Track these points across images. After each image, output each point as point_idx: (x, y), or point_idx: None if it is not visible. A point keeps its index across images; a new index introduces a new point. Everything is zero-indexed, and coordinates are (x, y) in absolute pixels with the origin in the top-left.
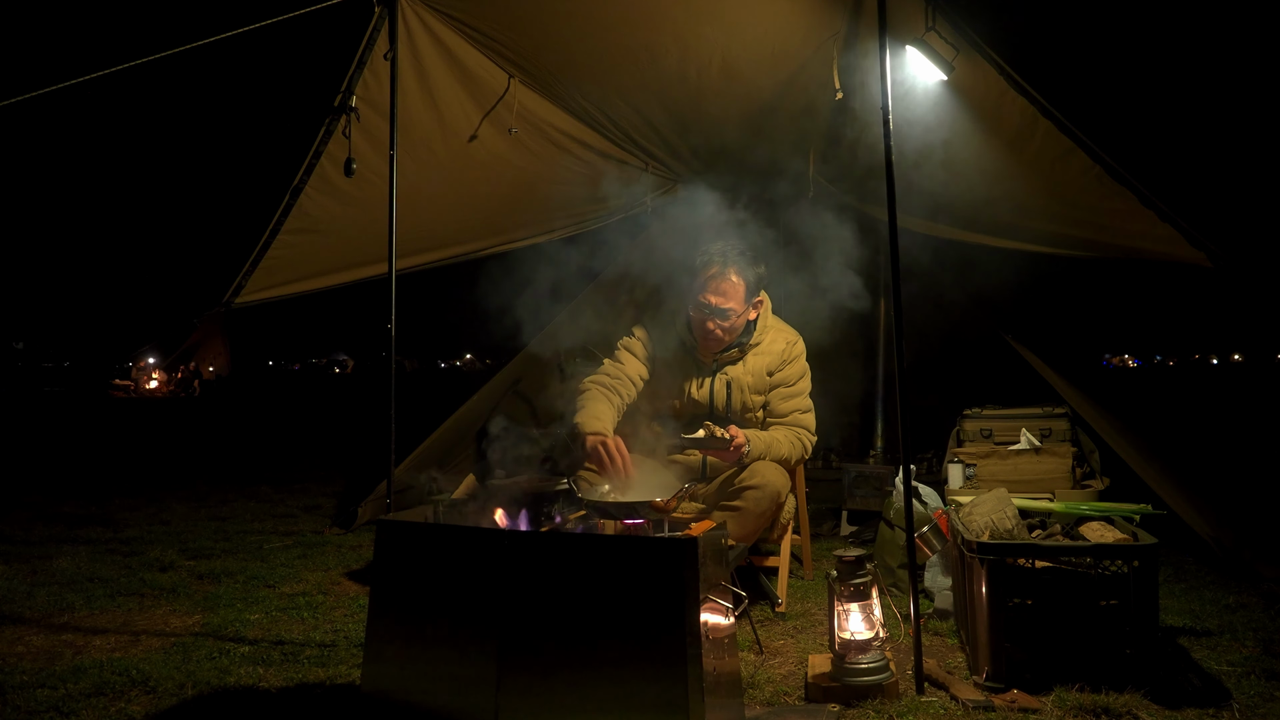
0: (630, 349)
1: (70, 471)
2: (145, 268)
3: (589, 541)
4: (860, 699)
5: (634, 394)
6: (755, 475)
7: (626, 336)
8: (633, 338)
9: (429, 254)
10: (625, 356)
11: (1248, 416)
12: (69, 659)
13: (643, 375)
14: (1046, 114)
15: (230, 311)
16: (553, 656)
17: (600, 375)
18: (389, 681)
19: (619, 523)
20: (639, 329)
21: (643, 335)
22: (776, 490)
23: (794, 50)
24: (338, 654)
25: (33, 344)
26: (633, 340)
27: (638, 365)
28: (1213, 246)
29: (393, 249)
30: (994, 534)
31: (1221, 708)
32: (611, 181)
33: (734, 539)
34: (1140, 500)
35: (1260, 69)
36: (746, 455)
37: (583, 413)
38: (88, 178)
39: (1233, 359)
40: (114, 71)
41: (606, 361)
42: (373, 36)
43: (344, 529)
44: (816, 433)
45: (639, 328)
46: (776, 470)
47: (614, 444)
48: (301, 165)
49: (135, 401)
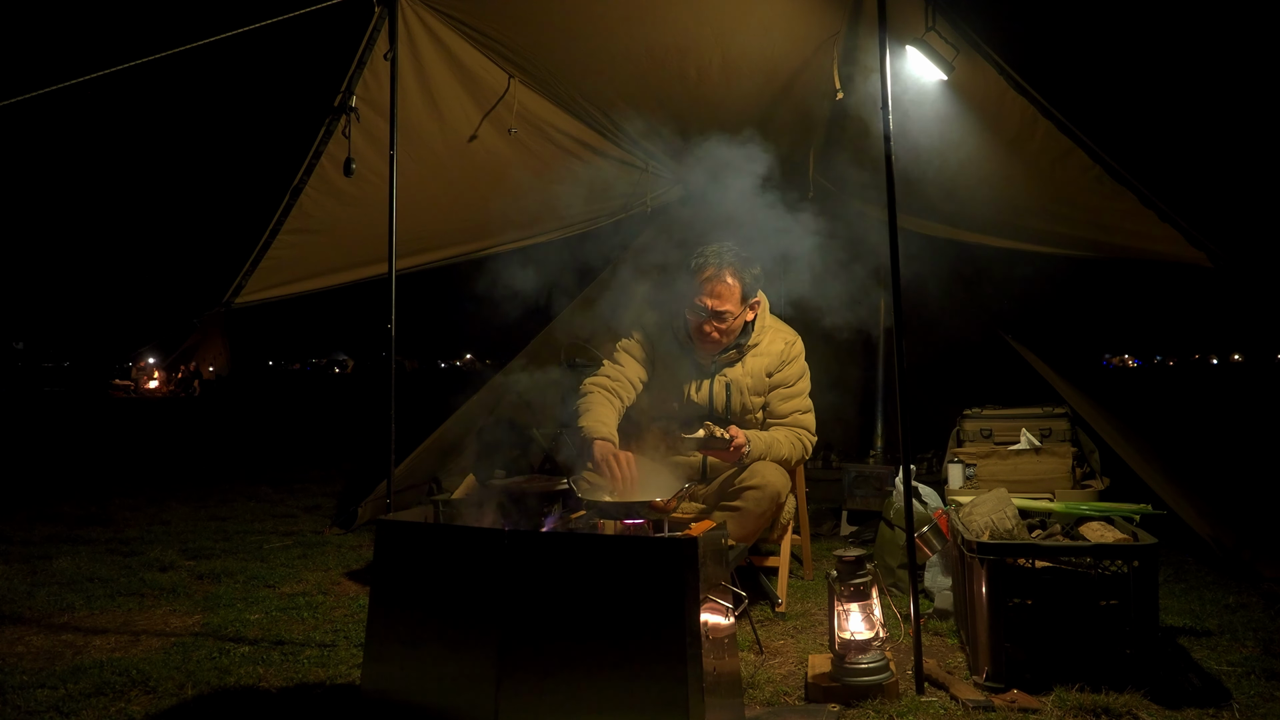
0: (629, 351)
1: (70, 471)
2: (145, 268)
3: (589, 541)
4: (860, 699)
5: (633, 396)
6: (755, 475)
7: (625, 338)
8: (631, 339)
9: (429, 254)
10: (624, 359)
11: (1248, 416)
12: (69, 659)
13: (641, 378)
14: (1046, 114)
15: (230, 311)
16: (553, 656)
17: (601, 378)
18: (389, 681)
19: (619, 523)
20: (637, 331)
21: (640, 337)
22: (777, 490)
23: (794, 50)
24: (338, 654)
25: (33, 344)
26: (631, 342)
27: (636, 368)
28: (1213, 246)
29: (393, 249)
30: (994, 534)
31: (1221, 708)
32: (611, 181)
33: (734, 539)
34: (1140, 500)
35: (1260, 69)
36: (747, 455)
37: (588, 416)
38: (88, 178)
39: (1233, 359)
40: (114, 71)
41: (606, 363)
42: (373, 36)
43: (344, 529)
44: (817, 432)
45: (637, 330)
46: (776, 470)
47: (623, 457)
48: (301, 165)
49: (135, 401)
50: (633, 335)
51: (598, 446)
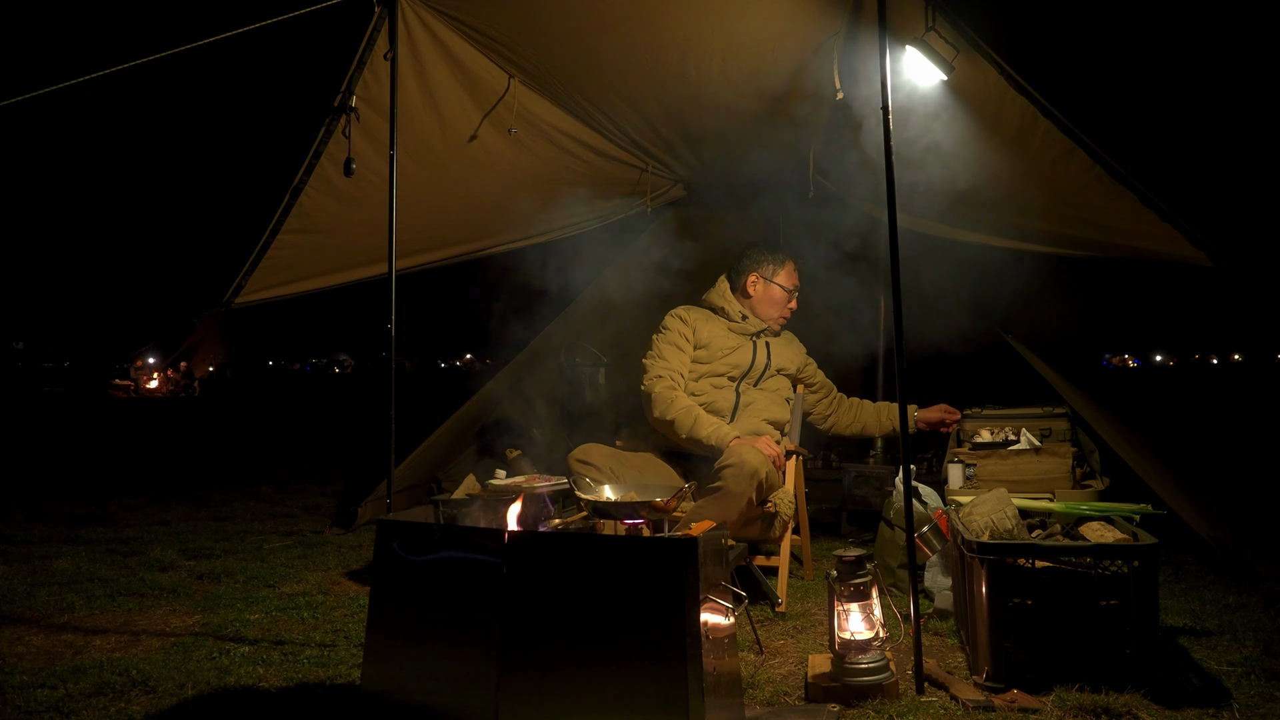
0: (675, 343)
1: (70, 471)
2: (145, 268)
3: (589, 541)
4: (860, 699)
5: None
6: (732, 455)
7: (666, 331)
8: (672, 331)
9: (429, 254)
10: (671, 352)
11: (1247, 416)
12: (69, 659)
13: (689, 365)
14: (1046, 114)
15: (230, 311)
16: (553, 656)
17: (667, 377)
18: (389, 681)
19: (619, 523)
20: (674, 321)
21: (679, 325)
22: (754, 468)
23: (794, 50)
24: (338, 654)
25: (33, 344)
26: (673, 334)
27: (683, 357)
28: (1213, 246)
29: (393, 249)
30: (994, 534)
31: (1221, 708)
32: (611, 181)
33: (718, 520)
34: (1140, 500)
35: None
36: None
37: (715, 426)
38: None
39: (1233, 359)
40: (114, 71)
41: (658, 361)
42: (373, 36)
43: (344, 529)
44: (816, 433)
45: (668, 330)
46: (752, 450)
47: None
48: (301, 165)
49: (135, 401)
50: (672, 327)
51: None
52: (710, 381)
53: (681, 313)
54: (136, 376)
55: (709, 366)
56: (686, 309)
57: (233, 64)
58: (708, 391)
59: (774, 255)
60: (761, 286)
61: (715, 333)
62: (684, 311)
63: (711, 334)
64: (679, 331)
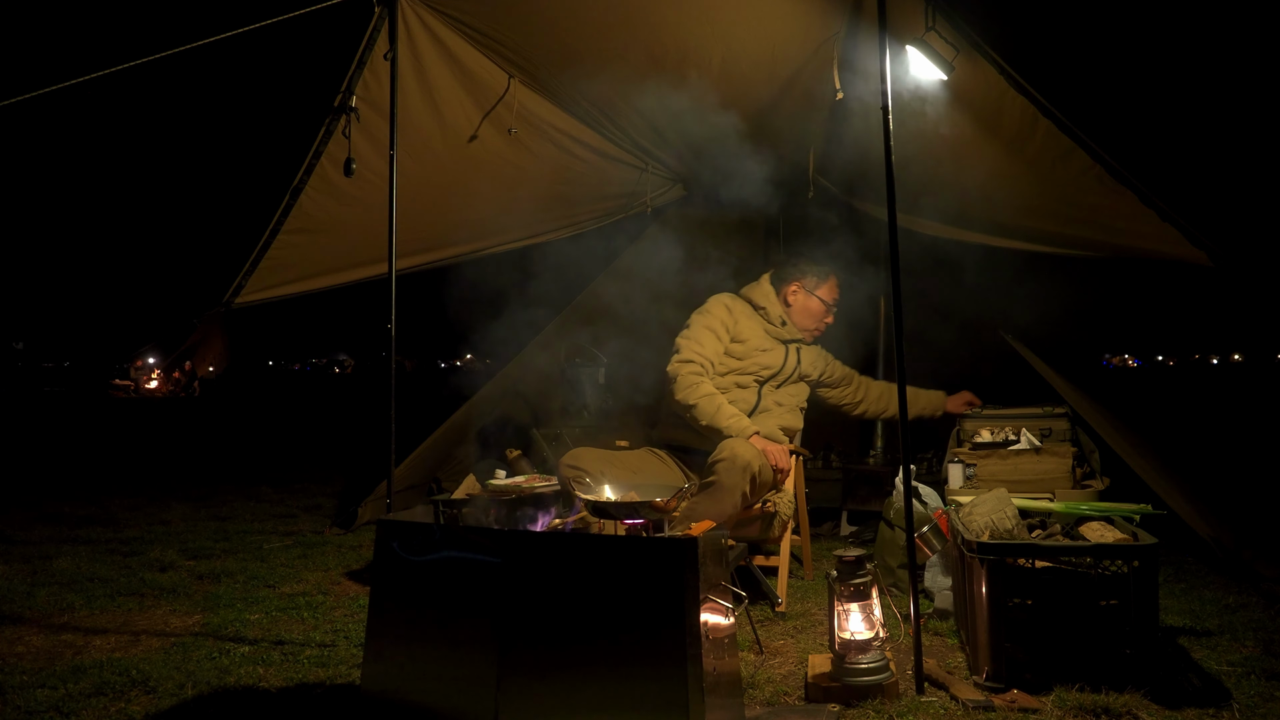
0: (713, 329)
1: (70, 471)
2: (145, 268)
3: (589, 541)
4: (860, 699)
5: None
6: (724, 450)
7: (706, 314)
8: (712, 316)
9: (429, 254)
10: (707, 338)
11: (1247, 416)
12: (69, 659)
13: (720, 354)
14: (1047, 114)
15: (230, 311)
16: (553, 656)
17: (696, 362)
18: (389, 681)
19: (619, 523)
20: (711, 314)
21: (722, 314)
22: (746, 461)
23: (794, 50)
24: (338, 654)
25: (33, 344)
26: (713, 319)
27: (717, 345)
28: (1213, 246)
29: (393, 249)
30: (994, 534)
31: (1221, 708)
32: (611, 181)
33: (713, 516)
34: (1140, 500)
35: (1260, 69)
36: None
37: (736, 418)
38: (88, 178)
39: (1233, 359)
40: (114, 71)
41: (690, 343)
42: (373, 36)
43: (344, 529)
44: (817, 432)
45: (710, 314)
46: (745, 444)
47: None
48: (301, 165)
49: (135, 401)
50: (715, 313)
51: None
52: (735, 379)
53: (728, 301)
54: (136, 376)
55: (740, 364)
56: (733, 298)
57: (233, 64)
58: (731, 389)
59: (818, 268)
60: (802, 297)
61: (753, 330)
62: (730, 300)
63: (750, 331)
64: (721, 320)
